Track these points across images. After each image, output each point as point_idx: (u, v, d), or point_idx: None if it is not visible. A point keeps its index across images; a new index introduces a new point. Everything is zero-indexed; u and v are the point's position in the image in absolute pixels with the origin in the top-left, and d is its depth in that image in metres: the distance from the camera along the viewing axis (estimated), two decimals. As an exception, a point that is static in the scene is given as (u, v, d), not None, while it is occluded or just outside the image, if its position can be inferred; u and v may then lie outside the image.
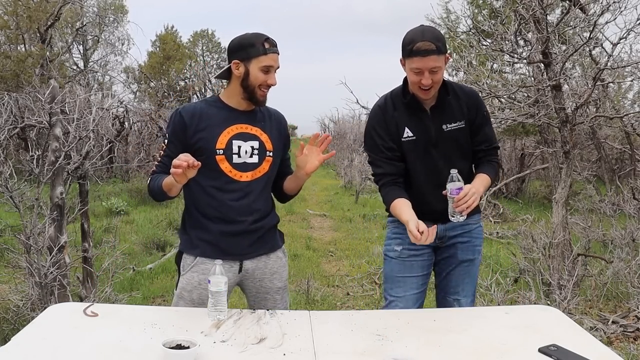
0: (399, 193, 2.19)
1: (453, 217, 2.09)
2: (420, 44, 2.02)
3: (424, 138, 2.21)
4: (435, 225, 2.07)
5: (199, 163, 1.86)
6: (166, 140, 2.09)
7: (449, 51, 2.13)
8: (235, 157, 2.06)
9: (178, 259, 2.16)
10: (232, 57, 2.07)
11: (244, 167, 2.07)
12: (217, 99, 2.14)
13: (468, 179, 2.20)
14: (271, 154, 2.12)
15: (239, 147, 2.06)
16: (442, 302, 2.37)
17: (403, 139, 2.21)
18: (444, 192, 2.09)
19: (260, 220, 2.11)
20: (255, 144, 2.09)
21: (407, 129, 2.21)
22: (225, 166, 2.05)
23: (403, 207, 2.12)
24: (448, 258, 2.33)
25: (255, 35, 2.05)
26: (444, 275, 2.35)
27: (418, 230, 1.98)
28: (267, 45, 2.02)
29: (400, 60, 2.15)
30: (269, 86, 2.06)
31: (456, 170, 2.07)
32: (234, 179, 2.06)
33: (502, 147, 11.53)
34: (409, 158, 2.23)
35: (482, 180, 2.20)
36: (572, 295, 3.55)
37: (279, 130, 2.20)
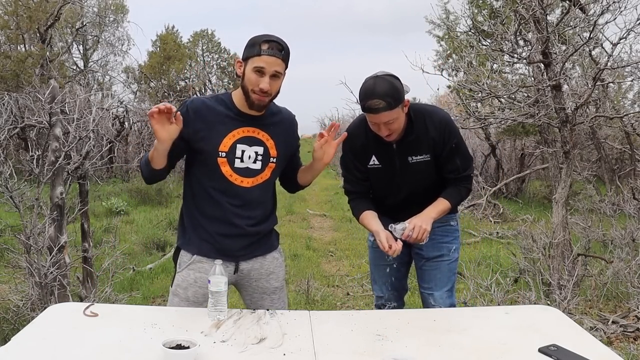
0: (366, 205, 2.38)
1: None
2: (369, 103, 2.08)
3: (389, 167, 2.31)
4: (400, 242, 2.18)
5: (178, 113, 1.85)
6: None
7: (406, 97, 2.17)
8: (237, 161, 2.01)
9: (175, 255, 2.15)
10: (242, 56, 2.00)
11: (245, 172, 2.03)
12: (229, 98, 2.05)
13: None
14: (274, 160, 2.07)
15: (243, 152, 2.01)
16: (421, 296, 2.52)
17: (369, 166, 2.33)
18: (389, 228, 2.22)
19: (257, 225, 2.09)
20: (260, 149, 2.04)
21: (374, 157, 2.32)
22: (226, 170, 2.00)
23: (371, 219, 2.31)
24: (416, 255, 2.48)
25: (261, 36, 1.95)
26: (419, 271, 2.50)
27: (388, 244, 2.16)
28: (264, 47, 1.90)
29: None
30: (262, 91, 1.92)
31: (405, 224, 2.19)
32: (234, 184, 2.02)
33: (502, 147, 11.54)
34: (374, 181, 2.39)
35: (436, 205, 2.29)
36: (572, 295, 3.55)
37: (286, 135, 2.12)
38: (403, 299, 2.62)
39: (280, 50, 1.93)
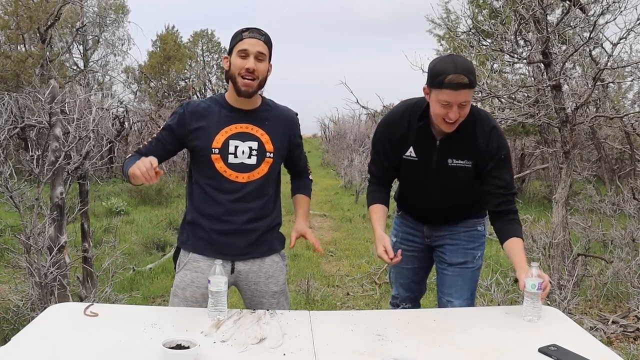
0: (381, 198, 2.28)
1: (527, 317, 1.89)
2: (453, 77, 1.92)
3: (425, 164, 2.18)
4: (400, 250, 2.09)
5: (159, 171, 1.85)
6: (164, 125, 2.11)
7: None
8: (231, 157, 2.03)
9: (175, 256, 2.16)
10: (227, 52, 2.09)
11: (240, 167, 2.04)
12: (222, 98, 2.11)
13: (462, 214, 2.30)
14: (271, 155, 2.08)
15: (236, 147, 2.04)
16: (439, 301, 2.42)
17: (404, 156, 2.20)
18: (522, 287, 1.90)
19: (254, 221, 2.08)
20: (254, 144, 2.06)
21: (412, 149, 2.18)
22: (220, 166, 2.03)
23: (376, 219, 2.22)
24: (439, 259, 2.38)
25: (241, 29, 2.04)
26: (439, 275, 2.40)
27: (386, 252, 2.05)
28: (245, 33, 2.00)
29: (424, 89, 2.07)
30: (248, 71, 1.98)
31: (537, 264, 1.90)
32: (229, 179, 2.04)
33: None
34: (404, 174, 2.27)
35: (523, 253, 2.05)
36: (572, 295, 3.55)
37: (283, 131, 2.14)
38: (419, 301, 2.55)
39: (261, 34, 2.03)
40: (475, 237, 2.33)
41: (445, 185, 2.20)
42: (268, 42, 2.04)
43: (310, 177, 2.39)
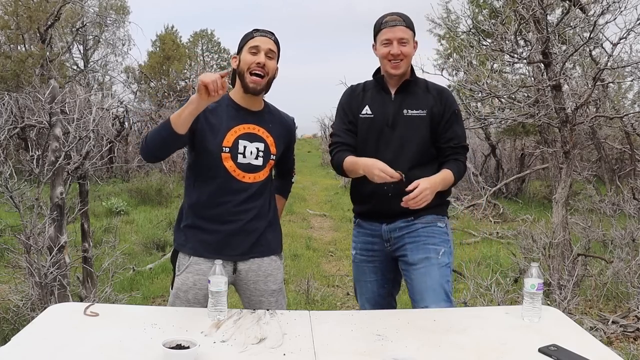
0: (349, 152, 2.30)
1: (527, 317, 1.88)
2: (389, 18, 2.23)
3: (381, 118, 2.28)
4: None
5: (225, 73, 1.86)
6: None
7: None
8: (240, 156, 2.06)
9: (173, 257, 2.16)
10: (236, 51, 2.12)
11: (248, 168, 2.07)
12: (227, 97, 2.13)
13: (424, 174, 2.19)
14: (274, 157, 2.13)
15: (245, 148, 2.07)
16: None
17: (361, 115, 2.32)
18: (524, 290, 1.88)
19: (257, 220, 2.10)
20: (261, 146, 2.09)
21: (367, 107, 2.31)
22: (229, 165, 2.05)
23: (356, 159, 2.22)
24: (402, 263, 2.29)
25: (252, 29, 2.10)
26: (407, 283, 2.30)
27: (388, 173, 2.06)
28: (256, 33, 2.07)
29: (373, 46, 2.30)
30: (259, 65, 2.02)
31: (537, 264, 1.89)
32: (237, 179, 2.06)
33: (502, 147, 11.54)
34: (362, 136, 2.31)
35: (442, 175, 2.20)
36: (572, 295, 3.55)
37: (284, 136, 2.19)
38: None
39: (271, 35, 2.10)
40: (436, 233, 2.25)
41: (401, 138, 2.25)
42: (277, 42, 2.10)
43: (294, 179, 2.42)
